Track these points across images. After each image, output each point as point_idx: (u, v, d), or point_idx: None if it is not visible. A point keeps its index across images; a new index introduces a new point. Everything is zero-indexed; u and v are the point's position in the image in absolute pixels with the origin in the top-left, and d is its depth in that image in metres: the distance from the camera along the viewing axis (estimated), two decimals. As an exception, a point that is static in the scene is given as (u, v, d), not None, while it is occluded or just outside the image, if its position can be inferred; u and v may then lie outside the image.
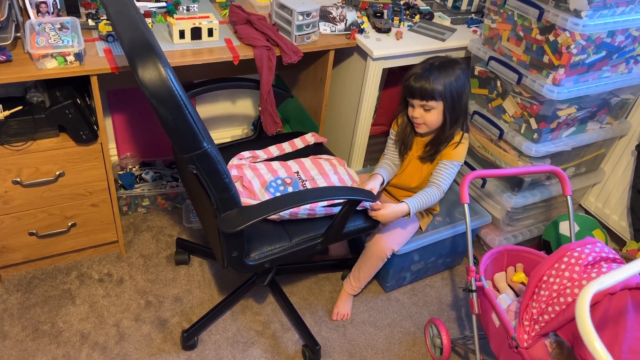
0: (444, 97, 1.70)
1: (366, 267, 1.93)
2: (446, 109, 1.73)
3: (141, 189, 2.29)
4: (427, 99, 1.71)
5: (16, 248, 1.90)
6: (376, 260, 1.89)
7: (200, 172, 1.28)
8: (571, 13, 1.65)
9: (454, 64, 1.73)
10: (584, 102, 1.90)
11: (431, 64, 1.71)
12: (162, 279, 2.08)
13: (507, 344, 1.49)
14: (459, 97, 1.73)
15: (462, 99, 1.74)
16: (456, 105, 1.74)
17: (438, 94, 1.69)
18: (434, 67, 1.70)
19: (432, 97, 1.70)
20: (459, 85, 1.71)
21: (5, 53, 1.54)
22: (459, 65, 1.73)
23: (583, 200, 2.38)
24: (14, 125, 1.65)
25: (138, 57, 1.12)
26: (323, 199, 1.60)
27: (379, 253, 1.86)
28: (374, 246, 1.87)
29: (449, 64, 1.72)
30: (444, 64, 1.72)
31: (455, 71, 1.71)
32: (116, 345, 1.83)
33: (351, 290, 2.01)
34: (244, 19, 1.86)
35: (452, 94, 1.70)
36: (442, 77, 1.69)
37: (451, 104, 1.72)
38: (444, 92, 1.69)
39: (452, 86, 1.70)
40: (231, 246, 1.50)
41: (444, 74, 1.69)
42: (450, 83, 1.69)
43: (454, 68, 1.71)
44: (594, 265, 1.40)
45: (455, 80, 1.70)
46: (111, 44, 1.71)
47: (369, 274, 1.95)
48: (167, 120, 1.16)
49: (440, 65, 1.71)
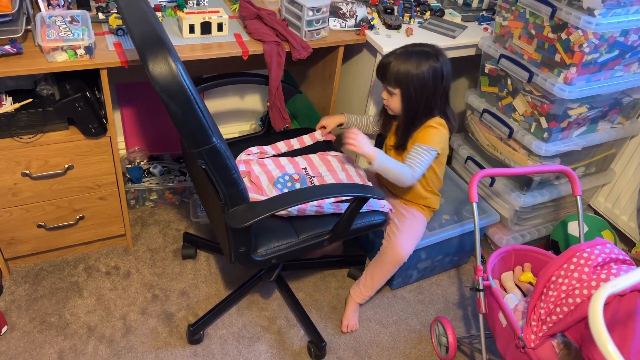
0: (401, 85, 1.67)
1: (381, 272, 1.88)
2: (402, 100, 1.70)
3: (149, 182, 2.30)
4: (385, 83, 1.70)
5: (24, 240, 1.91)
6: (393, 265, 1.85)
7: (209, 167, 1.28)
8: (584, 11, 1.63)
9: (425, 56, 1.65)
10: (596, 102, 1.88)
11: (405, 50, 1.67)
12: (168, 273, 2.08)
13: (514, 343, 1.48)
14: (417, 90, 1.66)
15: (421, 94, 1.67)
16: (413, 97, 1.68)
17: (394, 81, 1.66)
18: (404, 53, 1.66)
19: (389, 82, 1.69)
20: (419, 78, 1.64)
21: (16, 45, 1.54)
22: (429, 60, 1.64)
23: (592, 200, 2.37)
24: (23, 117, 1.65)
25: (149, 52, 1.11)
26: (331, 196, 1.60)
27: (397, 259, 1.82)
28: (392, 250, 1.82)
29: (420, 54, 1.65)
30: (415, 53, 1.66)
31: (422, 64, 1.63)
32: (122, 338, 1.84)
33: (359, 299, 1.97)
34: (254, 14, 1.86)
35: (408, 85, 1.65)
36: (405, 65, 1.64)
37: (407, 95, 1.68)
38: (401, 81, 1.65)
39: (411, 77, 1.64)
40: (239, 241, 1.50)
41: (408, 63, 1.64)
42: (410, 74, 1.64)
43: (422, 61, 1.64)
44: (603, 267, 1.39)
45: (417, 72, 1.63)
46: (121, 38, 1.71)
47: (383, 280, 1.91)
48: (177, 115, 1.15)
49: (411, 53, 1.66)
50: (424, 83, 1.65)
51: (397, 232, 1.83)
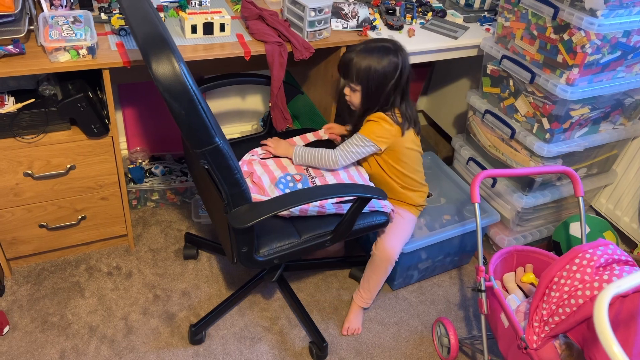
0: (362, 82, 1.67)
1: (375, 275, 1.89)
2: (362, 96, 1.71)
3: (150, 183, 2.30)
4: (347, 79, 1.71)
5: (26, 240, 1.91)
6: (385, 266, 1.86)
7: (212, 167, 1.28)
8: (587, 12, 1.63)
9: (385, 51, 1.65)
10: (598, 103, 1.88)
11: (365, 47, 1.67)
12: (170, 273, 2.08)
13: (516, 344, 1.48)
14: (377, 87, 1.67)
15: (382, 89, 1.68)
16: (372, 94, 1.69)
17: (356, 78, 1.67)
18: (365, 50, 1.66)
19: (351, 79, 1.69)
20: (379, 73, 1.65)
21: (18, 45, 1.55)
22: (389, 55, 1.65)
23: (594, 201, 2.36)
24: (26, 117, 1.65)
25: (152, 52, 1.11)
26: (333, 196, 1.60)
27: (387, 258, 1.83)
28: (381, 252, 1.83)
29: (380, 50, 1.65)
30: (375, 49, 1.66)
31: (382, 59, 1.64)
32: (124, 339, 1.84)
33: (362, 303, 1.97)
34: (256, 14, 1.86)
35: (369, 81, 1.66)
36: (366, 61, 1.64)
37: (367, 91, 1.69)
38: (362, 77, 1.66)
39: (372, 73, 1.65)
40: (241, 242, 1.50)
41: (369, 59, 1.64)
42: (371, 70, 1.64)
43: (383, 56, 1.64)
44: (605, 268, 1.39)
45: (378, 67, 1.64)
46: (123, 38, 1.71)
47: (379, 282, 1.92)
48: (180, 115, 1.16)
49: (371, 49, 1.66)
50: (384, 79, 1.66)
51: (383, 234, 1.84)
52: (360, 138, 1.73)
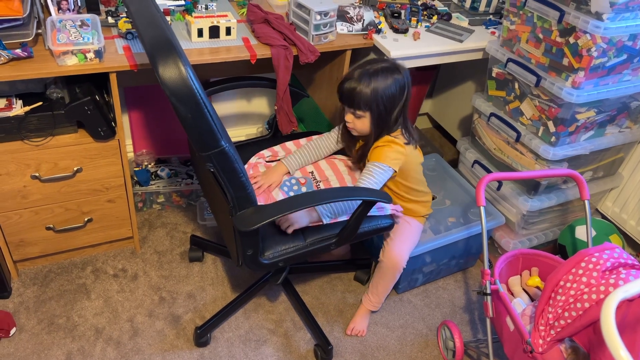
0: (371, 108, 1.62)
1: (383, 281, 1.89)
2: (372, 121, 1.65)
3: (156, 185, 2.31)
4: (354, 107, 1.64)
5: (33, 242, 1.93)
6: (393, 273, 1.85)
7: (218, 170, 1.29)
8: (592, 15, 1.63)
9: (388, 72, 1.61)
10: (604, 106, 1.88)
11: (365, 71, 1.61)
12: (175, 276, 2.09)
13: (522, 348, 1.48)
14: (387, 109, 1.63)
15: (392, 111, 1.64)
16: (383, 117, 1.65)
17: (364, 104, 1.61)
18: (366, 74, 1.60)
19: (358, 107, 1.63)
20: (387, 95, 1.61)
21: (26, 49, 1.56)
22: (393, 75, 1.61)
23: (600, 204, 2.36)
24: (33, 120, 1.67)
25: (159, 55, 1.12)
26: (338, 200, 1.60)
27: (394, 266, 1.83)
28: (388, 260, 1.83)
29: (383, 72, 1.61)
30: (378, 71, 1.61)
31: (387, 81, 1.60)
32: (130, 341, 1.84)
33: (371, 306, 1.97)
34: (262, 18, 1.87)
35: (379, 105, 1.62)
36: (371, 86, 1.59)
37: (377, 116, 1.64)
38: (370, 103, 1.61)
39: (380, 97, 1.60)
40: (246, 244, 1.50)
41: (374, 83, 1.59)
42: (378, 94, 1.60)
43: (387, 77, 1.60)
44: (612, 271, 1.38)
45: (384, 90, 1.60)
46: (130, 42, 1.72)
47: (387, 288, 1.91)
48: (186, 118, 1.16)
49: (373, 72, 1.60)
50: (393, 100, 1.63)
51: (391, 241, 1.83)
52: (377, 165, 1.65)
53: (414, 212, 1.88)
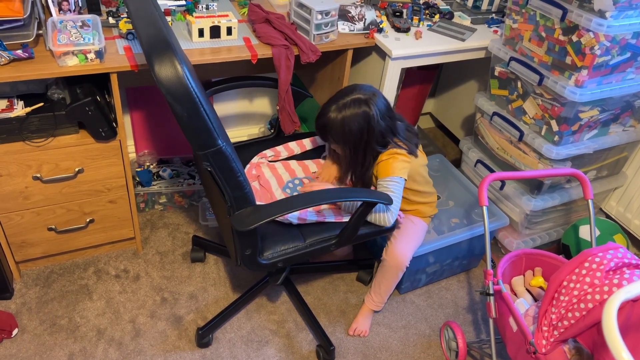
0: (340, 143, 1.64)
1: (386, 280, 1.88)
2: (347, 154, 1.66)
3: (158, 186, 2.31)
4: (325, 140, 1.69)
5: (35, 243, 1.93)
6: (395, 272, 1.85)
7: (215, 169, 1.28)
8: (595, 13, 1.62)
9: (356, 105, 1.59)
10: (607, 105, 1.87)
11: (336, 107, 1.60)
12: (177, 276, 2.09)
13: (525, 349, 1.47)
14: (356, 144, 1.63)
15: (360, 144, 1.63)
16: (356, 150, 1.64)
17: (334, 140, 1.65)
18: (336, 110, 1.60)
19: (330, 141, 1.68)
20: (354, 133, 1.60)
21: (27, 50, 1.56)
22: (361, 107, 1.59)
23: (604, 204, 2.34)
24: (35, 121, 1.67)
25: (155, 54, 1.12)
26: (338, 200, 1.60)
27: (397, 265, 1.82)
28: (392, 259, 1.82)
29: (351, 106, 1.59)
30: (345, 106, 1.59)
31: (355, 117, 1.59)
32: (132, 341, 1.84)
33: (373, 306, 1.96)
34: (263, 17, 1.86)
35: (346, 143, 1.63)
36: (339, 123, 1.59)
37: (349, 151, 1.65)
38: (338, 139, 1.63)
39: (347, 135, 1.61)
40: (244, 244, 1.50)
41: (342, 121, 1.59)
42: (345, 132, 1.60)
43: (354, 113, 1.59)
44: (615, 271, 1.37)
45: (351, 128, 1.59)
46: (131, 42, 1.72)
47: (390, 287, 1.91)
48: (182, 117, 1.16)
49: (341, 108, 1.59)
50: (361, 135, 1.61)
51: (394, 240, 1.83)
52: (390, 180, 1.64)
53: (419, 212, 1.88)
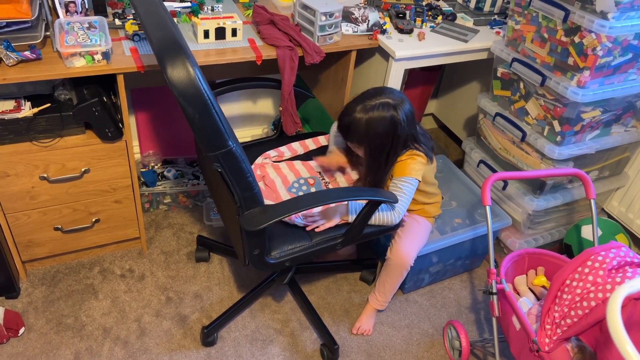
0: (364, 144, 1.64)
1: (390, 279, 1.89)
2: (367, 156, 1.67)
3: (163, 186, 2.32)
4: (347, 139, 1.68)
5: (41, 242, 1.94)
6: (400, 271, 1.86)
7: (225, 170, 1.29)
8: (597, 15, 1.63)
9: (385, 109, 1.58)
10: (609, 105, 1.88)
11: (362, 107, 1.59)
12: (182, 276, 2.10)
13: (528, 347, 1.48)
14: (379, 147, 1.63)
15: (384, 148, 1.63)
16: (377, 153, 1.64)
17: (357, 141, 1.64)
18: (363, 111, 1.59)
19: (352, 141, 1.66)
20: (380, 136, 1.60)
21: (35, 51, 1.57)
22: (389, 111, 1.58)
23: (606, 204, 2.35)
24: (42, 122, 1.68)
25: (167, 56, 1.13)
26: (344, 199, 1.61)
27: (402, 264, 1.83)
28: (396, 257, 1.83)
29: (379, 109, 1.58)
30: (374, 108, 1.58)
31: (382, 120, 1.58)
32: (137, 340, 1.86)
33: (377, 305, 1.97)
34: (267, 19, 1.88)
35: (370, 144, 1.63)
36: (366, 125, 1.58)
37: (370, 152, 1.65)
38: (363, 140, 1.62)
39: (373, 137, 1.60)
40: (253, 244, 1.51)
41: (369, 122, 1.58)
42: (370, 134, 1.60)
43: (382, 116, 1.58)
44: (618, 270, 1.38)
45: (378, 131, 1.59)
46: (137, 43, 1.74)
47: (394, 286, 1.91)
48: (194, 119, 1.17)
49: (369, 109, 1.58)
50: (385, 139, 1.61)
51: (399, 239, 1.84)
52: (405, 180, 1.65)
53: (425, 212, 1.89)
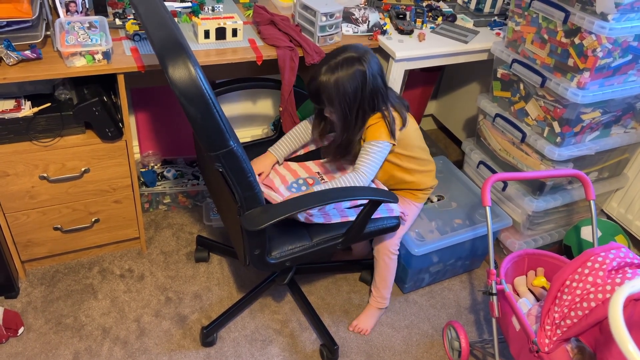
0: (334, 105, 1.59)
1: (379, 270, 1.90)
2: (338, 117, 1.63)
3: (162, 186, 2.32)
4: (318, 103, 1.63)
5: (41, 242, 1.94)
6: (384, 260, 1.86)
7: (226, 170, 1.30)
8: (597, 16, 1.64)
9: (349, 64, 1.55)
10: (609, 106, 1.88)
11: (328, 67, 1.56)
12: (182, 276, 2.10)
13: (528, 348, 1.48)
14: (350, 105, 1.59)
15: (354, 105, 1.60)
16: (348, 113, 1.61)
17: (329, 103, 1.59)
18: (329, 71, 1.55)
19: (323, 105, 1.62)
20: (348, 93, 1.56)
21: (35, 51, 1.57)
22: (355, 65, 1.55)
23: (605, 205, 2.36)
24: (42, 121, 1.68)
25: (169, 56, 1.13)
26: (345, 199, 1.61)
27: (384, 252, 1.84)
28: (376, 249, 1.85)
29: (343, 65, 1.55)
30: (338, 66, 1.55)
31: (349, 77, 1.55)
32: (137, 340, 1.85)
33: (375, 303, 1.97)
34: (268, 19, 1.88)
35: (341, 103, 1.58)
36: (333, 84, 1.55)
37: (342, 112, 1.61)
38: (333, 101, 1.58)
39: (342, 96, 1.56)
40: (253, 244, 1.51)
41: (336, 81, 1.55)
42: (339, 93, 1.56)
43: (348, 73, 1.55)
44: (618, 271, 1.39)
45: (346, 89, 1.55)
46: (137, 43, 1.74)
47: (385, 279, 1.92)
48: (195, 118, 1.17)
49: (334, 67, 1.55)
50: (355, 95, 1.58)
51: None
52: (374, 144, 1.64)
53: (420, 184, 1.85)
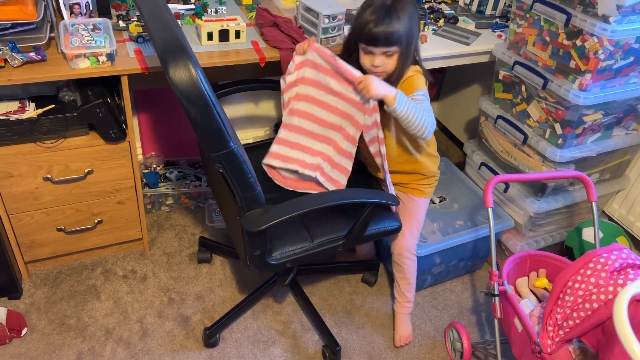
0: (402, 43, 1.57)
1: (398, 273, 1.89)
2: (401, 54, 1.59)
3: (165, 187, 2.33)
4: (390, 45, 1.56)
5: (44, 243, 1.95)
6: (406, 264, 1.85)
7: (227, 171, 1.30)
8: (599, 18, 1.64)
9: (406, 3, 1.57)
10: (610, 108, 1.89)
11: (387, 7, 1.54)
12: (184, 277, 2.10)
13: (530, 349, 1.48)
14: (412, 38, 1.60)
15: (414, 39, 1.62)
16: (410, 47, 1.61)
17: (398, 39, 1.55)
18: (391, 9, 1.54)
19: (394, 43, 1.56)
20: (412, 24, 1.58)
21: (40, 52, 1.58)
22: (410, 4, 1.58)
23: (607, 207, 2.36)
24: (46, 123, 1.69)
25: (170, 58, 1.14)
26: (346, 201, 1.61)
27: (404, 255, 1.83)
28: (395, 249, 1.84)
29: (403, 4, 1.56)
30: (398, 6, 1.55)
31: (408, 9, 1.56)
32: (140, 341, 1.86)
33: (401, 309, 1.96)
34: (271, 21, 1.89)
35: (408, 36, 1.57)
36: (400, 19, 1.54)
37: (406, 47, 1.59)
38: (402, 39, 1.56)
39: (408, 28, 1.56)
40: (254, 245, 1.52)
41: (402, 15, 1.54)
42: (407, 25, 1.55)
43: (405, 6, 1.56)
44: (620, 272, 1.39)
45: (409, 20, 1.56)
46: (141, 45, 1.75)
47: (405, 281, 1.91)
48: (196, 119, 1.18)
49: (393, 4, 1.55)
50: (414, 27, 1.60)
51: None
52: (421, 93, 1.60)
53: (425, 169, 1.79)
